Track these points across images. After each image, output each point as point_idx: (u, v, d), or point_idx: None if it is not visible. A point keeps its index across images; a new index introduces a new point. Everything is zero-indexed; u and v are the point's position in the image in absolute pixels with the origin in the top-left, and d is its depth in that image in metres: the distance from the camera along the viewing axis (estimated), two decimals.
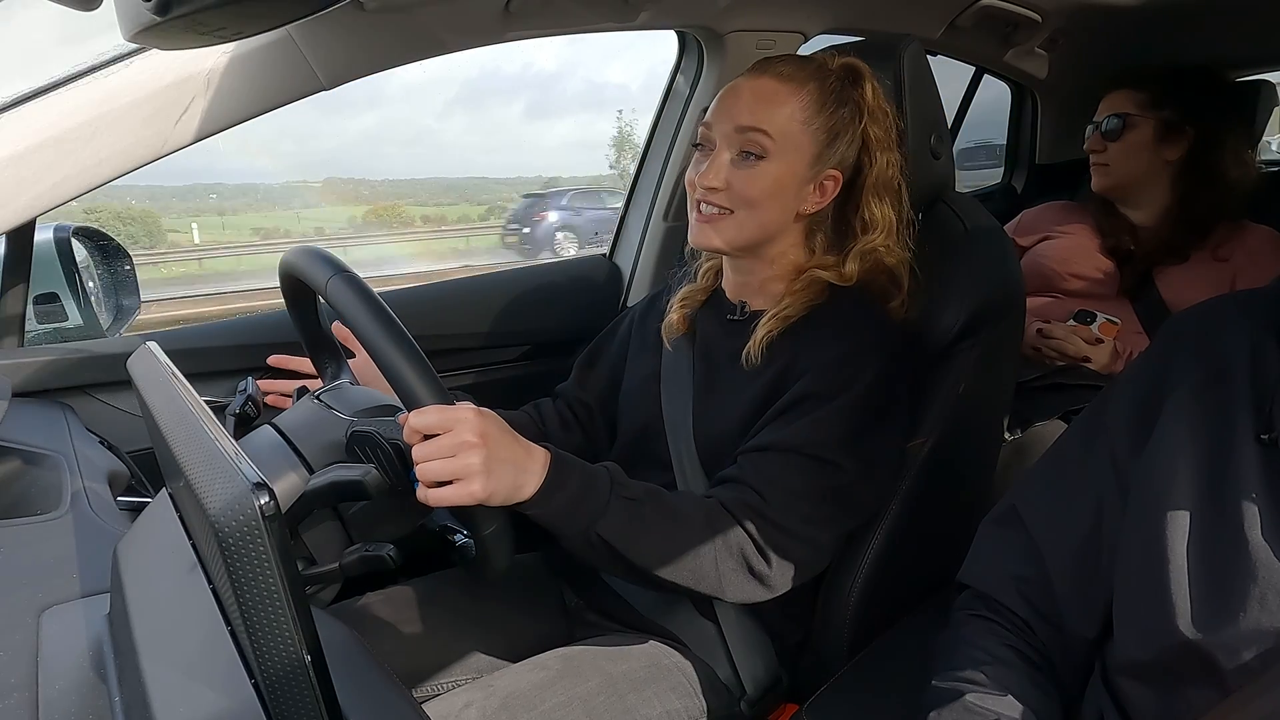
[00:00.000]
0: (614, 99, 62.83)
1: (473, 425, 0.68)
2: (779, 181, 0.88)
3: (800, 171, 0.89)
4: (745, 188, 0.88)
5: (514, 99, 47.57)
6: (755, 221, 0.89)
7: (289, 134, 32.18)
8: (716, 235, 0.90)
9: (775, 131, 0.87)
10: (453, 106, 48.50)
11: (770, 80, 0.89)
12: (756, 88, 0.89)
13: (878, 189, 0.91)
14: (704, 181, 0.89)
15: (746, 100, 0.89)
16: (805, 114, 0.88)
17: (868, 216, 0.91)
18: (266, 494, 0.41)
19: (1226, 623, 0.53)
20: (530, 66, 48.45)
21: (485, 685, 0.85)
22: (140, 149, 0.94)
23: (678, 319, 1.00)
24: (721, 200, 0.89)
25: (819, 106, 0.88)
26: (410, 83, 54.89)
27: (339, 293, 0.71)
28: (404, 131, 42.54)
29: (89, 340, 1.17)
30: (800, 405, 0.84)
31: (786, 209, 0.90)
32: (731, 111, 0.89)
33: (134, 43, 0.71)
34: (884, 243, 0.91)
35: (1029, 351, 1.44)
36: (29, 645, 0.60)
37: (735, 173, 0.88)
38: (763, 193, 0.88)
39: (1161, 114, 1.43)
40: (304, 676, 0.42)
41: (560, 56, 48.41)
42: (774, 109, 0.87)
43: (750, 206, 0.88)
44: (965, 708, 0.62)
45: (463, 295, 1.40)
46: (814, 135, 0.88)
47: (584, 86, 68.69)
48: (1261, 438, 0.55)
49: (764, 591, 0.82)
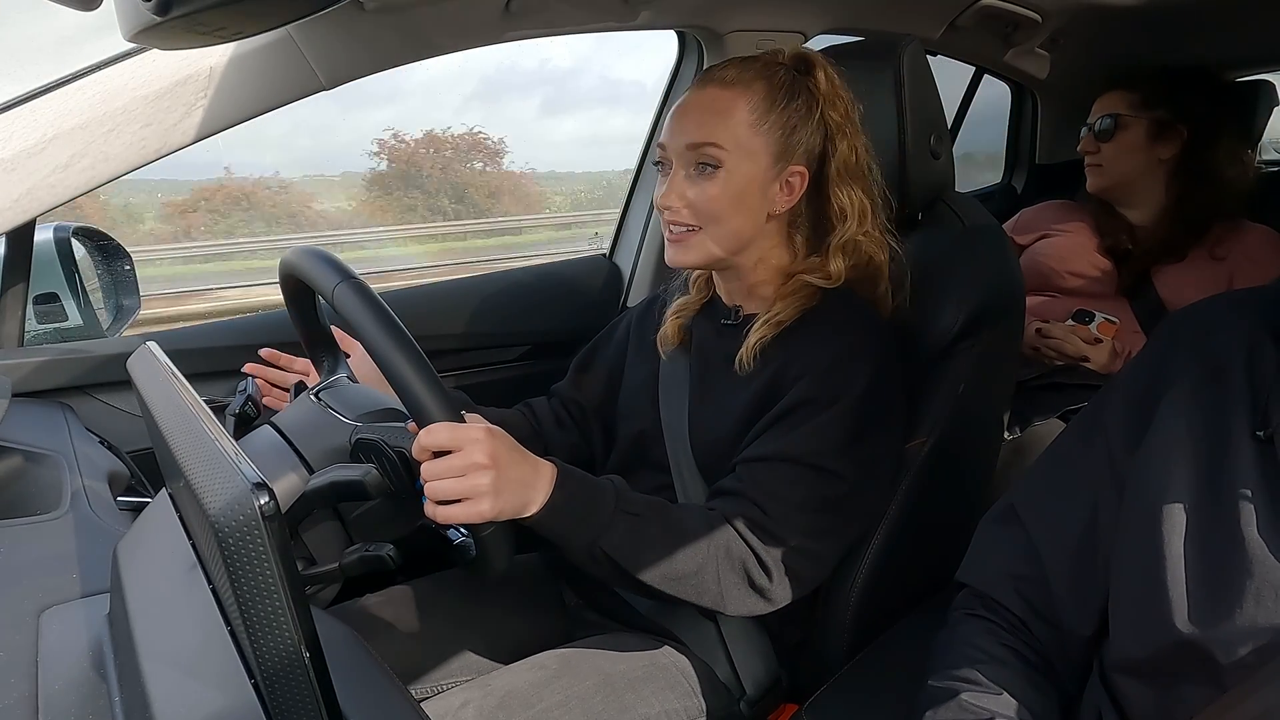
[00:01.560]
0: (629, 95, 62.38)
1: (484, 446, 0.68)
2: (739, 190, 0.86)
3: (760, 175, 0.87)
4: (705, 203, 0.86)
5: (530, 94, 47.58)
6: (724, 233, 0.88)
7: (302, 128, 32.09)
8: (688, 254, 0.89)
9: (726, 141, 0.85)
10: (470, 102, 48.61)
11: (714, 89, 0.87)
12: (701, 100, 0.87)
13: (843, 176, 0.89)
14: (662, 203, 0.88)
15: (693, 115, 0.87)
16: (755, 115, 0.85)
17: (838, 206, 0.89)
18: (266, 494, 0.41)
19: (1223, 619, 0.53)
20: (548, 62, 48.45)
21: (483, 684, 0.85)
22: (140, 148, 0.94)
23: (672, 330, 0.99)
24: (686, 218, 0.87)
25: (769, 105, 0.86)
26: (430, 78, 54.92)
27: (346, 300, 0.71)
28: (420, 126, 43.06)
29: (89, 340, 1.17)
30: (797, 412, 0.84)
31: (755, 214, 0.88)
32: (681, 128, 0.87)
33: (134, 43, 0.71)
34: (860, 231, 0.89)
35: (1028, 351, 1.44)
36: (29, 645, 0.60)
37: (692, 188, 0.86)
38: (724, 205, 0.86)
39: (1154, 114, 1.44)
40: (304, 676, 0.42)
41: (577, 53, 48.47)
42: (721, 119, 0.85)
43: (715, 220, 0.87)
44: (961, 706, 0.62)
45: (463, 295, 1.40)
46: (768, 135, 0.86)
47: (598, 82, 68.36)
48: (1257, 434, 0.55)
49: (765, 605, 0.82)
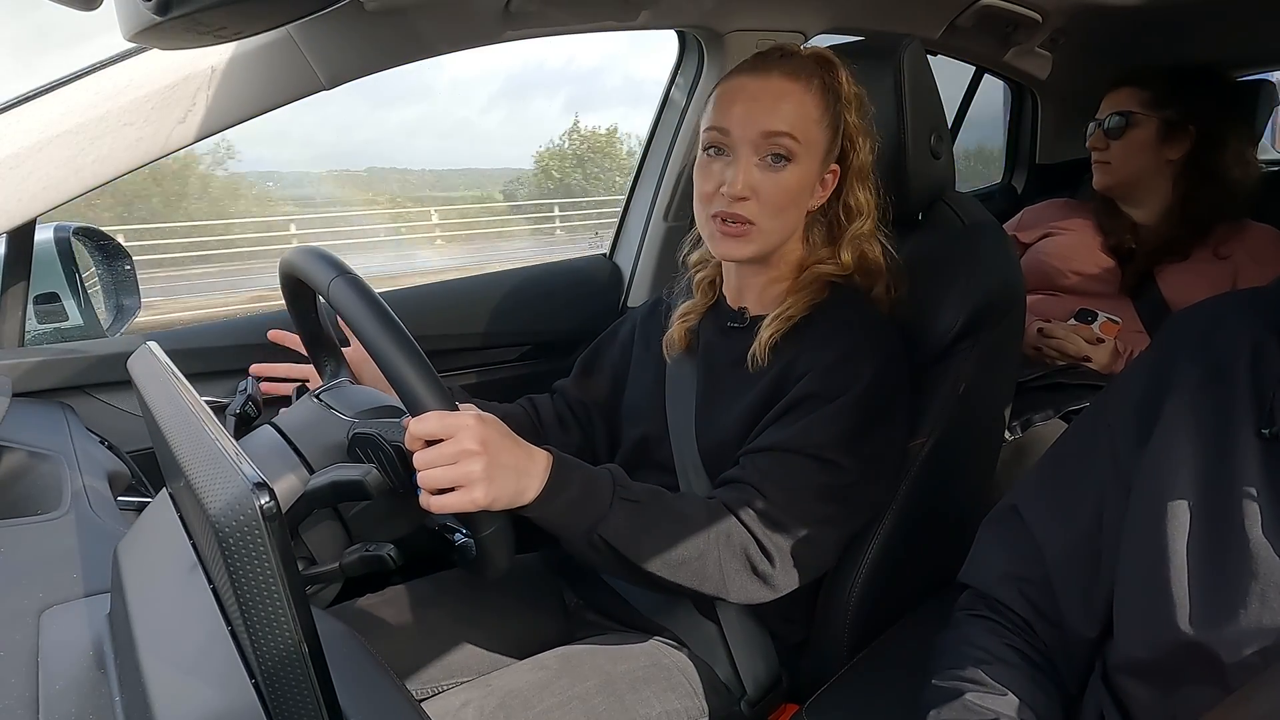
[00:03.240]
0: (651, 94, 62.34)
1: (474, 432, 0.68)
2: (801, 184, 0.86)
3: (816, 171, 0.88)
4: (774, 194, 0.85)
5: (555, 94, 47.53)
6: (779, 227, 0.88)
7: (328, 124, 32.18)
8: (745, 248, 0.87)
9: (800, 134, 0.84)
10: (496, 100, 48.66)
11: (780, 80, 0.86)
12: (771, 89, 0.85)
13: (860, 175, 0.90)
14: (733, 191, 0.84)
15: (766, 103, 0.85)
16: (818, 111, 0.86)
17: (853, 203, 0.90)
18: (267, 494, 0.41)
19: (1227, 620, 0.53)
20: (572, 62, 48.42)
21: (484, 684, 0.85)
22: (141, 148, 0.94)
23: (679, 335, 0.99)
24: (749, 211, 0.85)
25: (828, 102, 0.87)
26: (457, 77, 54.96)
27: (341, 294, 0.71)
28: (444, 124, 43.07)
29: (89, 340, 1.16)
30: (801, 406, 0.84)
31: (802, 209, 0.89)
32: (752, 115, 0.85)
33: (134, 43, 0.71)
34: (868, 227, 0.91)
35: (1029, 351, 1.43)
36: (29, 645, 0.60)
37: (763, 179, 0.85)
38: (789, 198, 0.86)
39: (1164, 113, 1.43)
40: (304, 676, 0.42)
41: (603, 51, 48.64)
42: (796, 110, 0.85)
43: (777, 213, 0.86)
44: (965, 706, 0.62)
45: (463, 295, 1.40)
46: (826, 133, 0.87)
47: (622, 82, 68.33)
48: (1262, 433, 0.55)
49: (767, 591, 0.82)
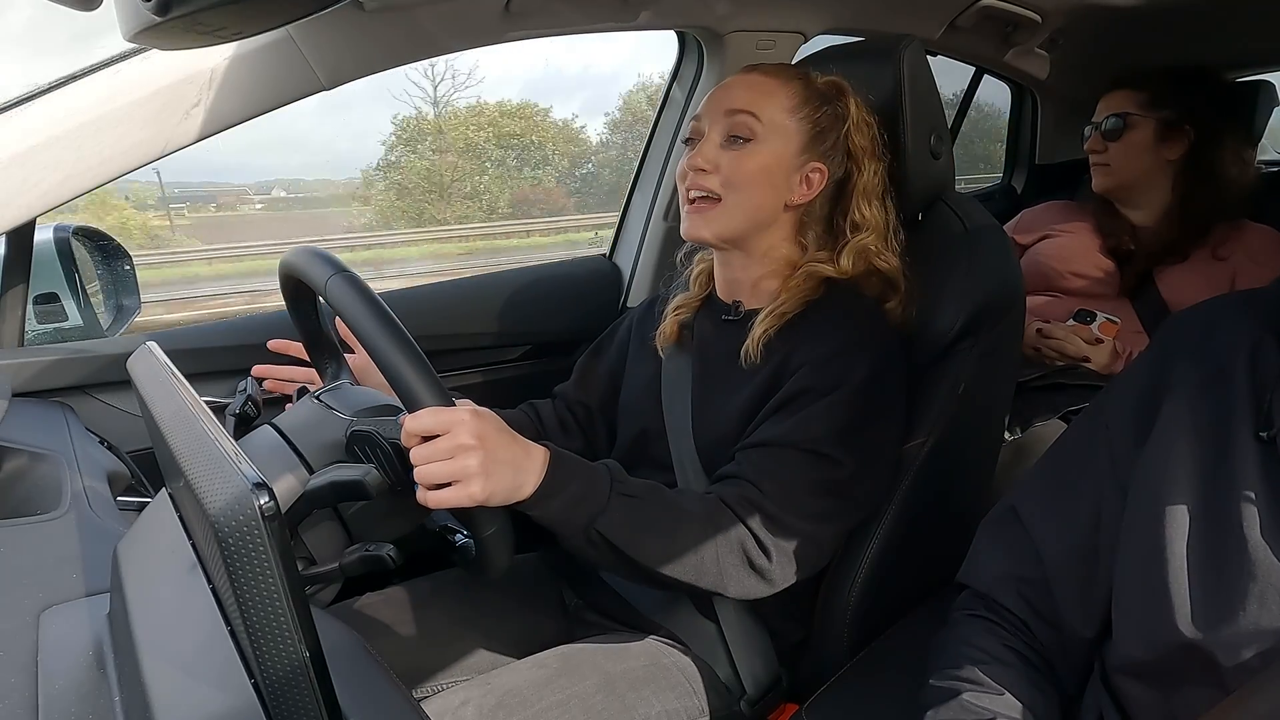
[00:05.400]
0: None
1: (470, 427, 0.68)
2: (766, 166, 0.90)
3: (787, 158, 0.90)
4: (733, 169, 0.89)
5: (571, 97, 47.25)
6: (744, 207, 0.90)
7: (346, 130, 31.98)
8: (706, 226, 0.91)
9: (763, 116, 0.90)
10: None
11: (758, 74, 0.93)
12: (745, 79, 0.93)
13: (867, 194, 0.92)
14: (693, 164, 0.90)
15: (736, 89, 0.92)
16: (792, 104, 0.91)
17: (858, 218, 0.92)
18: (266, 494, 0.41)
19: (1226, 621, 0.53)
20: (590, 68, 47.85)
21: (483, 683, 0.85)
22: (141, 149, 0.94)
23: (671, 328, 1.00)
24: (711, 184, 0.90)
25: (804, 100, 0.91)
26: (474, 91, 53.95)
27: (338, 292, 0.71)
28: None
29: (89, 340, 1.16)
30: (796, 401, 0.84)
31: (775, 196, 0.91)
32: (719, 99, 0.92)
33: (134, 43, 0.71)
34: (875, 243, 0.92)
35: (1029, 351, 1.44)
36: (29, 645, 0.60)
37: (724, 154, 0.90)
38: (750, 176, 0.89)
39: (1161, 114, 1.43)
40: (304, 676, 0.42)
41: (620, 56, 47.73)
42: (762, 95, 0.91)
43: (738, 190, 0.89)
44: (962, 706, 0.62)
45: (462, 295, 1.40)
46: (800, 125, 0.91)
47: (637, 86, 67.37)
48: (1260, 435, 0.55)
49: (765, 586, 0.82)
